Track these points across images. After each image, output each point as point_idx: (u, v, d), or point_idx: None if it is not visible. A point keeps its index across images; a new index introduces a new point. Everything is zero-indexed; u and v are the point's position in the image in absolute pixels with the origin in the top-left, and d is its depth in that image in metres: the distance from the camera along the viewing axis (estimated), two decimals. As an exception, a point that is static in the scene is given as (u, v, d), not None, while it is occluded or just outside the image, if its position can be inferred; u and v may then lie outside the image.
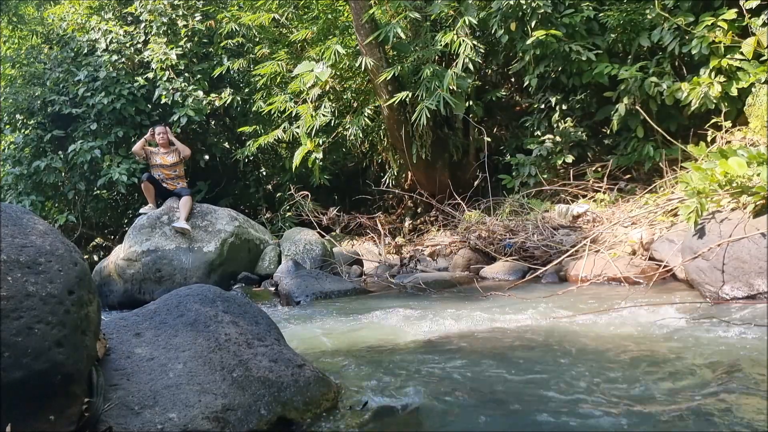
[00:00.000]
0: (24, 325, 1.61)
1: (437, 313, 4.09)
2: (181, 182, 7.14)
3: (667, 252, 4.73)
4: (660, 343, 3.00)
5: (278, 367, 2.21)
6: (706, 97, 6.15)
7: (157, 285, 6.25)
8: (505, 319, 3.82)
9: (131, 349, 2.12)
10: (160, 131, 7.08)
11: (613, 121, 7.04)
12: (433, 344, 3.29)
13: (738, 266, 3.78)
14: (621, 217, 6.03)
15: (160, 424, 1.80)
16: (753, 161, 4.03)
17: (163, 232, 6.54)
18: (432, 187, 8.49)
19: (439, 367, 2.72)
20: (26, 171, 9.19)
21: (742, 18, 6.09)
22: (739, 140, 5.70)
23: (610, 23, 6.96)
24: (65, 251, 1.88)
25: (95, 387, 1.82)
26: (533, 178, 7.69)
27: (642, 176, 7.21)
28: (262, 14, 9.08)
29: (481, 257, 6.51)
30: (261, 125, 9.64)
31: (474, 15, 7.26)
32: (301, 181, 9.58)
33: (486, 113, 9.04)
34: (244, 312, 2.46)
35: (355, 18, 7.71)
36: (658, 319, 3.43)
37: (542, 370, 2.60)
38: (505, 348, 3.08)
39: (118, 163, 9.01)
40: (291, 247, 6.90)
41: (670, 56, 6.74)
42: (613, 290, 4.68)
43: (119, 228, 10.67)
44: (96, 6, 10.26)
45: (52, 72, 9.56)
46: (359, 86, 9.04)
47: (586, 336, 3.24)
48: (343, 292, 5.60)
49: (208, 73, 9.74)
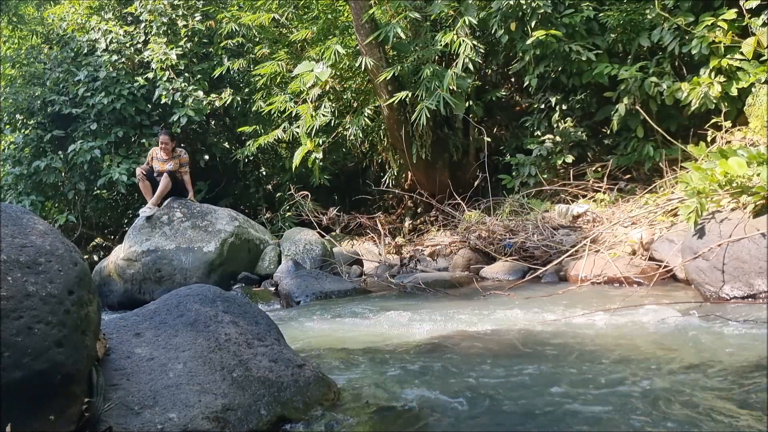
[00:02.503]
0: (24, 325, 1.61)
1: (437, 313, 4.09)
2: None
3: (667, 252, 4.73)
4: (660, 343, 3.00)
5: (278, 367, 2.21)
6: (706, 97, 6.15)
7: (157, 285, 6.25)
8: (505, 320, 3.82)
9: (131, 349, 2.12)
10: (164, 140, 7.10)
11: (613, 121, 7.04)
12: (433, 344, 3.29)
13: (738, 266, 3.78)
14: (621, 217, 6.03)
15: (160, 424, 1.80)
16: (753, 161, 4.03)
17: (163, 232, 6.54)
18: (432, 187, 8.49)
19: (439, 367, 2.72)
20: (26, 171, 9.19)
21: (742, 18, 6.09)
22: (739, 140, 5.70)
23: (610, 23, 6.96)
24: (65, 251, 1.87)
25: (95, 387, 1.82)
26: (533, 178, 7.69)
27: (642, 176, 7.21)
28: (262, 14, 9.08)
29: (481, 257, 6.51)
30: (261, 125, 9.64)
31: (474, 15, 7.26)
32: (301, 181, 9.58)
33: (486, 113, 9.04)
34: (244, 312, 2.46)
35: (355, 18, 7.71)
36: (658, 319, 3.42)
37: (542, 370, 2.60)
38: (505, 348, 3.08)
39: (118, 163, 9.01)
40: (291, 247, 6.90)
41: (670, 56, 6.74)
42: (613, 290, 4.68)
43: (119, 228, 10.67)
44: (96, 6, 10.26)
45: (52, 72, 9.56)
46: (359, 86, 9.04)
47: (586, 336, 3.24)
48: (343, 292, 5.60)
49: (208, 73, 9.74)
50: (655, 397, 2.17)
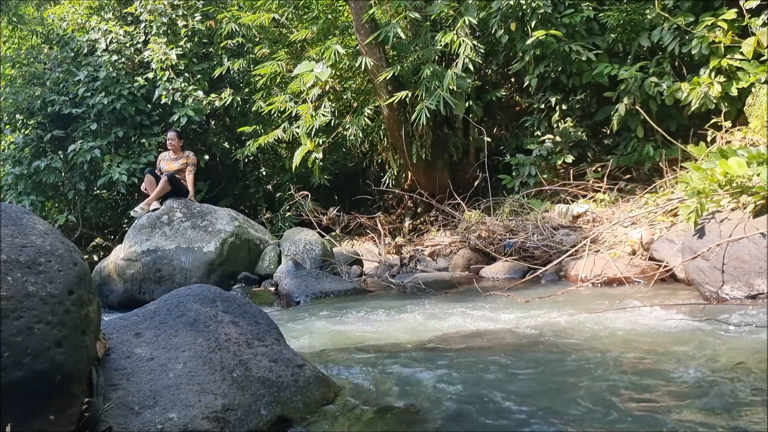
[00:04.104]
0: (24, 325, 1.61)
1: (437, 314, 4.09)
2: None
3: (667, 252, 4.73)
4: (659, 344, 3.00)
5: (278, 367, 2.21)
6: (706, 97, 6.15)
7: (157, 285, 6.25)
8: (505, 320, 3.82)
9: (131, 349, 2.12)
10: (171, 137, 7.11)
11: (613, 121, 7.04)
12: (433, 344, 3.29)
13: (738, 266, 3.78)
14: (621, 217, 6.02)
15: (160, 424, 1.80)
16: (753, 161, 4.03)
17: (162, 232, 6.54)
18: (432, 187, 8.49)
19: (439, 367, 2.72)
20: (26, 171, 9.19)
21: (742, 18, 6.09)
22: (739, 140, 5.69)
23: (610, 23, 6.96)
24: (65, 251, 1.87)
25: (95, 387, 1.82)
26: (533, 178, 7.69)
27: (642, 176, 7.21)
28: (262, 14, 9.08)
29: (481, 257, 6.51)
30: (261, 125, 9.64)
31: (474, 15, 7.26)
32: (301, 181, 9.58)
33: (486, 113, 9.04)
34: (244, 312, 2.46)
35: (355, 18, 7.71)
36: (658, 319, 3.42)
37: (542, 370, 2.60)
38: (504, 348, 3.08)
39: (118, 163, 9.02)
40: (291, 247, 6.90)
41: (670, 56, 6.74)
42: (613, 290, 4.68)
43: (119, 228, 10.68)
44: (96, 6, 10.26)
45: (52, 72, 9.56)
46: (359, 86, 9.05)
47: (585, 336, 3.24)
48: (343, 292, 5.60)
49: (208, 73, 9.74)
50: (654, 397, 2.17)
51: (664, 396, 2.19)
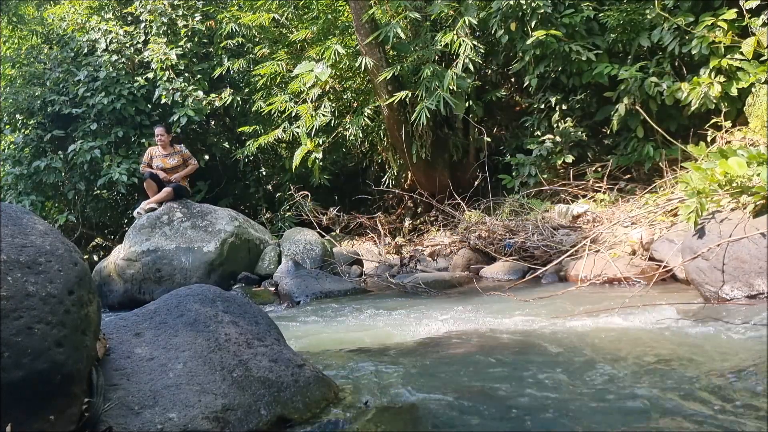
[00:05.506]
0: (24, 325, 1.61)
1: (437, 313, 4.09)
2: (181, 183, 7.14)
3: (667, 252, 4.73)
4: (659, 344, 3.00)
5: (278, 367, 2.21)
6: (706, 97, 6.15)
7: (157, 285, 6.25)
8: (505, 320, 3.82)
9: (131, 349, 2.11)
10: (159, 132, 7.10)
11: (613, 121, 7.04)
12: (433, 344, 3.29)
13: (738, 266, 3.78)
14: (621, 217, 6.02)
15: (160, 424, 1.80)
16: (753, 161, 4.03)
17: (162, 232, 6.54)
18: (432, 187, 8.49)
19: (439, 367, 2.72)
20: (26, 171, 9.19)
21: (742, 18, 6.09)
22: (739, 140, 5.70)
23: (610, 23, 6.96)
24: (65, 251, 1.87)
25: (95, 387, 1.82)
26: (533, 178, 7.69)
27: (642, 176, 7.21)
28: (262, 14, 9.09)
29: (481, 257, 6.51)
30: (261, 125, 9.65)
31: (474, 15, 7.27)
32: (301, 181, 9.58)
33: (486, 113, 9.04)
34: (244, 312, 2.46)
35: (355, 18, 7.71)
36: (658, 319, 3.42)
37: (542, 371, 2.60)
38: (504, 348, 3.08)
39: (118, 163, 9.02)
40: (291, 247, 6.90)
41: (670, 56, 6.74)
42: (613, 290, 4.68)
43: (119, 228, 10.68)
44: (96, 6, 10.27)
45: (52, 72, 9.56)
46: (359, 86, 9.05)
47: (585, 336, 3.24)
48: (343, 292, 5.61)
49: (208, 73, 9.74)
50: (654, 397, 2.17)
51: (663, 396, 2.19)
